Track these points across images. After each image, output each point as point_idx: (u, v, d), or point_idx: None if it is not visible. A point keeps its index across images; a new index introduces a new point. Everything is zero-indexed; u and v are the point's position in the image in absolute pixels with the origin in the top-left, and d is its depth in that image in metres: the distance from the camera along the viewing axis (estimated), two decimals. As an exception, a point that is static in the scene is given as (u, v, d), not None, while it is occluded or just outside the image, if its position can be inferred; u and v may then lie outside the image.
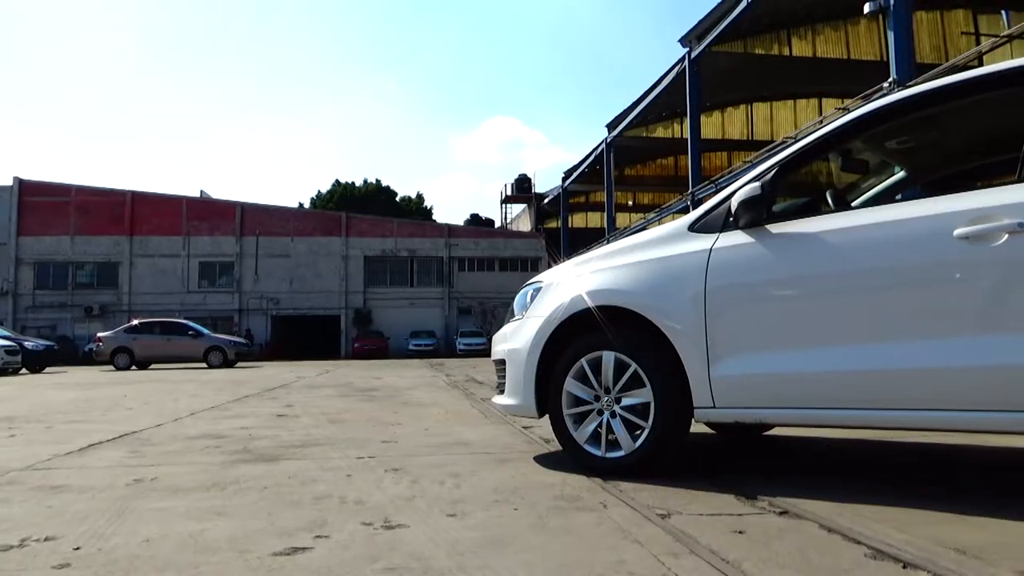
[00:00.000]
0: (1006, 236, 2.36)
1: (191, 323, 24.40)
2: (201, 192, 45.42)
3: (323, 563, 1.97)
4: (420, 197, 68.35)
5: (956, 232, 2.44)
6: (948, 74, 3.19)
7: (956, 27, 24.78)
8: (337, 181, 65.05)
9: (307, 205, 62.80)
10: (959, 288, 2.49)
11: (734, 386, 2.84)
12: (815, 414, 2.73)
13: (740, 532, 2.20)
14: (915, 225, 2.58)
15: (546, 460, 3.55)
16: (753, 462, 3.60)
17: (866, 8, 10.78)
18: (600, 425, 3.12)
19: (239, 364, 23.03)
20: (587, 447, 3.15)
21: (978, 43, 19.45)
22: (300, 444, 4.29)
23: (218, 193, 70.03)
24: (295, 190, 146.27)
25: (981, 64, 13.84)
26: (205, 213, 43.19)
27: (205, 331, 23.60)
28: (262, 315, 42.56)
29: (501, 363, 3.64)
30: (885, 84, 9.92)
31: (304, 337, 42.02)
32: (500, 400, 3.62)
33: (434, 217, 64.81)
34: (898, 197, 3.67)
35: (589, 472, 3.09)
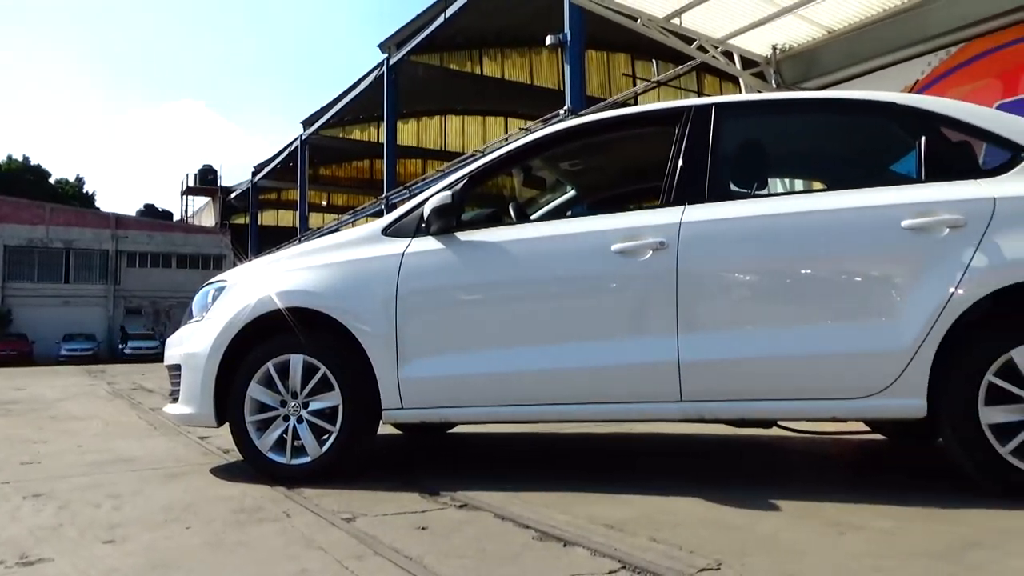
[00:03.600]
0: (651, 252, 2.76)
1: None
2: None
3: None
4: (80, 180, 59.57)
5: (613, 247, 2.80)
6: (611, 108, 3.63)
7: (619, 68, 28.43)
8: (-36, 155, 54.15)
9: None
10: (615, 296, 2.86)
11: (422, 387, 2.93)
12: (495, 411, 2.93)
13: (423, 528, 2.26)
14: (581, 239, 2.92)
15: (226, 472, 3.32)
16: (437, 460, 3.74)
17: (548, 40, 11.91)
18: (286, 431, 3.00)
19: None
20: (271, 455, 3.01)
21: (635, 85, 22.59)
22: (-97, 472, 3.48)
23: None
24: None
25: (636, 103, 16.03)
26: None
27: None
28: None
29: (176, 368, 3.32)
30: (561, 111, 11.04)
31: (-85, 340, 34.29)
32: (174, 409, 3.30)
33: (97, 205, 57.10)
34: (569, 213, 4.10)
35: (273, 481, 2.96)
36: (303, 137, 33.66)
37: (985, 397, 2.45)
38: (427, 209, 3.02)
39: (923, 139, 2.78)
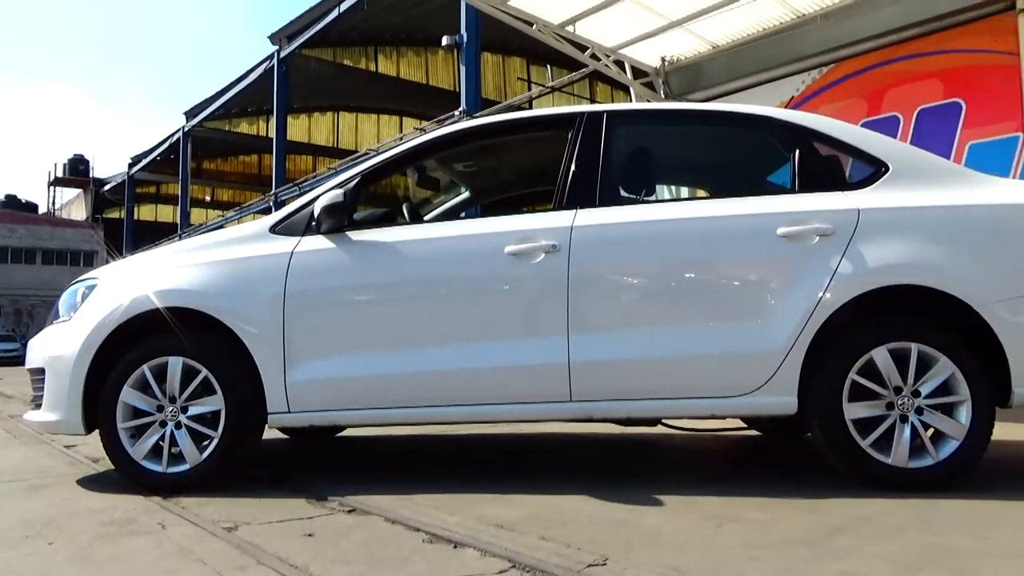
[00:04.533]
0: (543, 255, 2.80)
1: None
2: None
3: None
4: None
5: (507, 249, 2.82)
6: (506, 111, 3.66)
7: (514, 72, 28.70)
8: None
9: None
10: (507, 298, 2.88)
11: (310, 390, 2.85)
12: (386, 413, 2.89)
13: (310, 535, 2.20)
14: (475, 241, 2.92)
15: (95, 482, 3.11)
16: (325, 464, 3.65)
17: (444, 41, 11.87)
18: (162, 438, 2.84)
19: None
20: (146, 463, 2.84)
21: (530, 89, 22.88)
22: None
23: None
24: None
25: (531, 107, 16.24)
26: None
27: None
28: None
29: (39, 372, 3.07)
30: (456, 112, 11.04)
31: None
32: (36, 416, 3.06)
33: (-51, 194, 52.30)
34: (463, 215, 4.10)
35: (148, 491, 2.79)
36: (186, 128, 32.07)
37: (849, 394, 2.63)
38: (318, 207, 2.94)
39: (797, 152, 2.96)
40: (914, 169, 2.90)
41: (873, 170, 2.90)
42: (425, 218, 3.75)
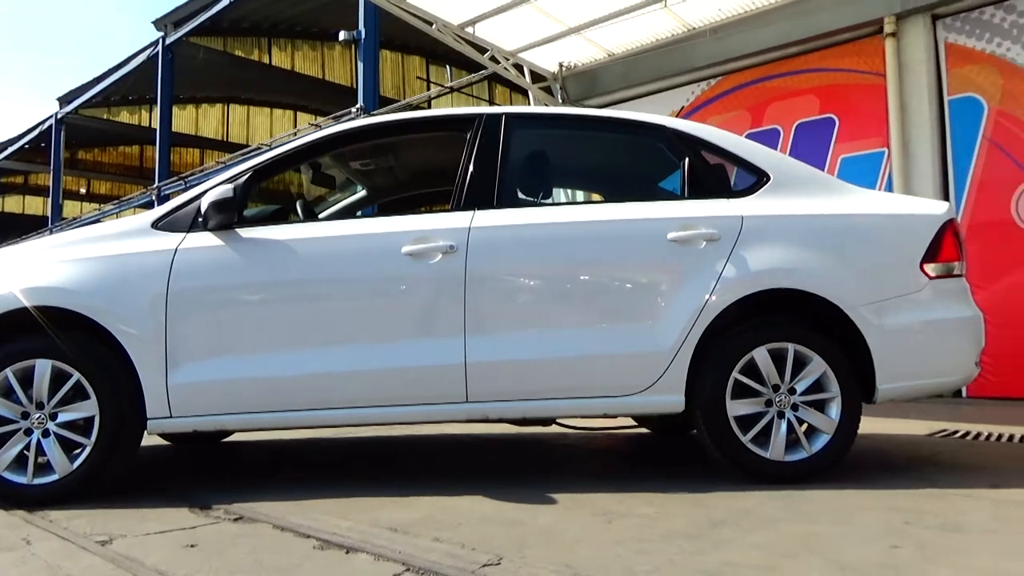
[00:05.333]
0: (440, 256, 2.79)
1: None
2: None
3: None
4: None
5: (404, 249, 2.80)
6: (405, 110, 3.63)
7: (414, 71, 28.46)
8: None
9: None
10: (404, 298, 2.85)
11: (194, 393, 2.72)
12: (276, 417, 2.80)
13: (192, 546, 2.10)
14: (371, 240, 2.88)
15: (-52, 495, 2.86)
16: (211, 471, 3.50)
17: (341, 36, 11.62)
18: (28, 447, 2.64)
19: None
20: (8, 475, 2.62)
21: (429, 88, 22.77)
22: None
23: None
24: None
25: (430, 107, 16.17)
26: None
27: None
28: None
29: None
30: (353, 109, 10.82)
31: None
32: None
33: None
34: (359, 214, 4.03)
35: (11, 505, 2.59)
36: (59, 115, 30.01)
37: (732, 392, 2.76)
38: (205, 202, 2.81)
39: (687, 160, 3.08)
40: (792, 179, 3.07)
41: (755, 179, 3.05)
42: (320, 216, 3.67)
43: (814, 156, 6.09)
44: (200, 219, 2.84)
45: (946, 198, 5.55)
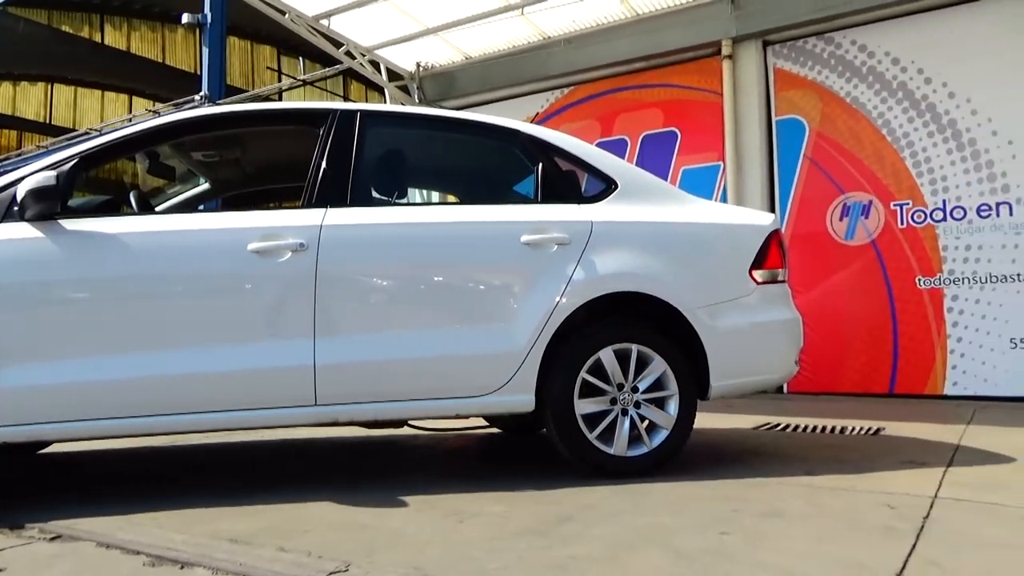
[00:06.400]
0: (289, 254, 2.69)
1: None
2: None
3: None
4: None
5: (250, 246, 2.67)
6: (253, 101, 3.47)
7: (264, 60, 27.29)
8: None
9: None
10: (249, 298, 2.72)
11: (6, 401, 2.46)
12: (103, 425, 2.57)
13: (1, 571, 1.90)
14: (213, 236, 2.72)
15: None
16: (24, 487, 3.17)
17: (184, 18, 10.92)
18: None
19: None
20: None
21: (280, 80, 21.91)
22: None
23: None
24: None
25: (281, 99, 15.56)
26: None
27: None
28: None
29: None
30: (197, 97, 10.21)
31: None
32: None
33: None
34: (201, 208, 3.80)
35: None
36: None
37: (580, 391, 2.86)
38: (22, 190, 2.54)
39: (540, 165, 3.16)
40: (638, 187, 3.23)
41: (604, 186, 3.18)
42: (157, 209, 3.43)
43: (658, 166, 6.45)
44: (16, 208, 2.57)
45: (772, 210, 6.05)
